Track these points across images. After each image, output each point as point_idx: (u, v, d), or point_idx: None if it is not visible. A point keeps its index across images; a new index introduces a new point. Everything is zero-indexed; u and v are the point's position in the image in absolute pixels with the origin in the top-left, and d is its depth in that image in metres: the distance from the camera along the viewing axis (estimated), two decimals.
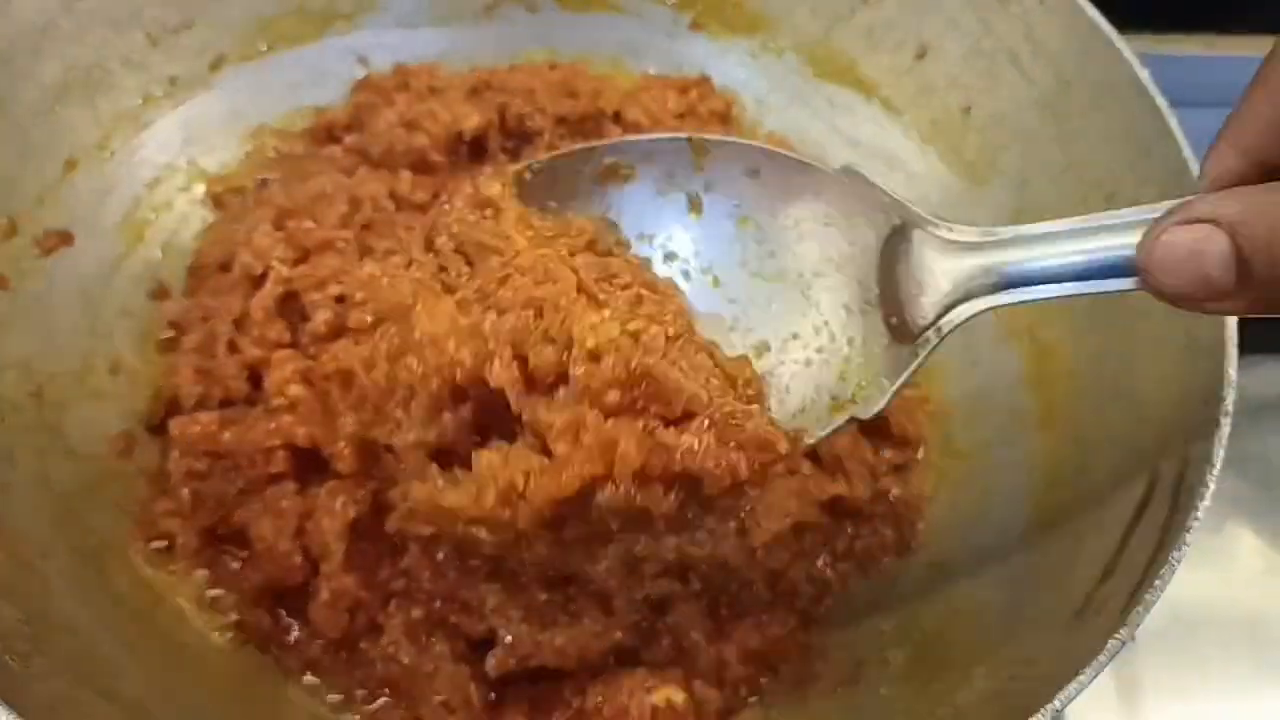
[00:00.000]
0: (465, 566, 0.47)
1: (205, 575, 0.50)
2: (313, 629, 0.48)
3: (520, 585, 0.47)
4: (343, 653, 0.48)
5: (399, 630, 0.46)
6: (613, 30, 0.69)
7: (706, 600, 0.49)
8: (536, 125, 0.62)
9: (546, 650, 0.46)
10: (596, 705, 0.46)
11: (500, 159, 0.62)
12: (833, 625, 0.51)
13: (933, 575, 0.52)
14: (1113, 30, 0.55)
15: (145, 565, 0.50)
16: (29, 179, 0.55)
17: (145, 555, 0.50)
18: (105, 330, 0.55)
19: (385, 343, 0.41)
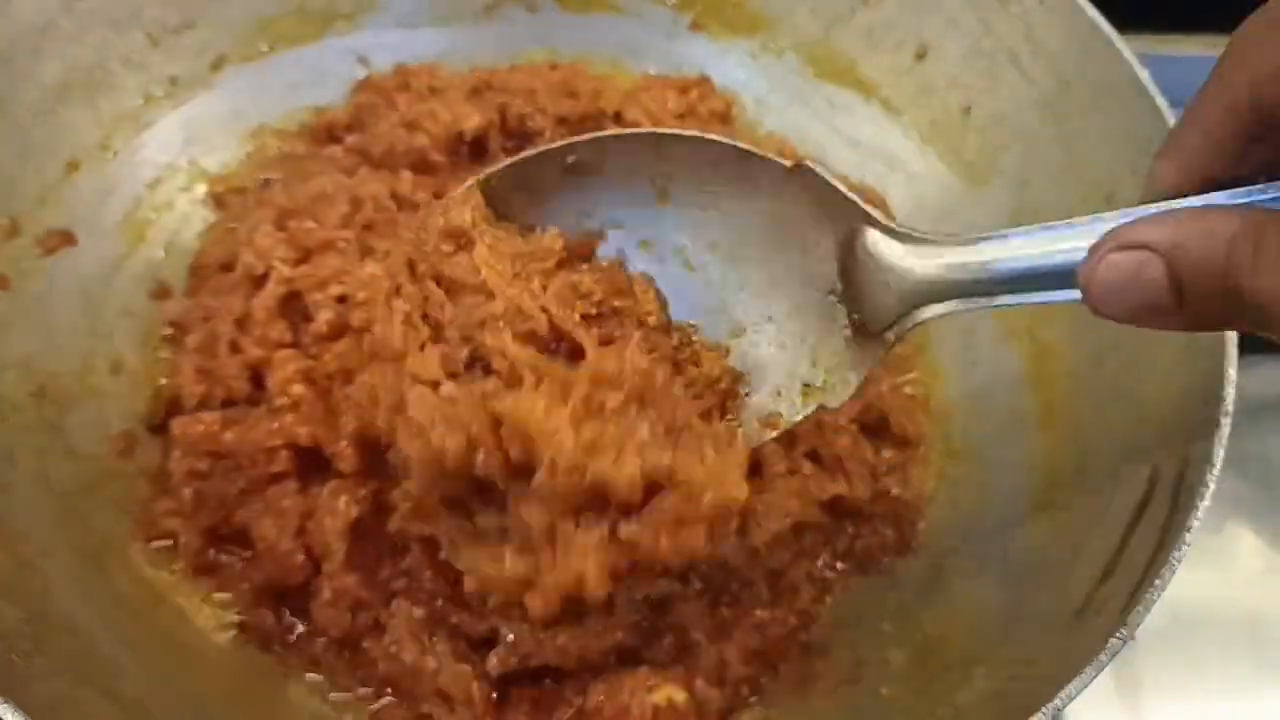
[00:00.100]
0: None
1: (206, 575, 0.50)
2: (315, 628, 0.48)
3: None
4: (345, 652, 0.48)
5: (401, 629, 0.46)
6: (613, 31, 0.70)
7: (707, 600, 0.49)
8: (537, 125, 0.62)
9: (548, 649, 0.46)
10: (598, 704, 0.46)
11: (500, 159, 0.62)
12: (833, 625, 0.51)
13: (933, 575, 0.52)
14: (1113, 30, 0.55)
15: (146, 565, 0.50)
16: (30, 179, 0.55)
17: (146, 555, 0.50)
18: (106, 330, 0.55)
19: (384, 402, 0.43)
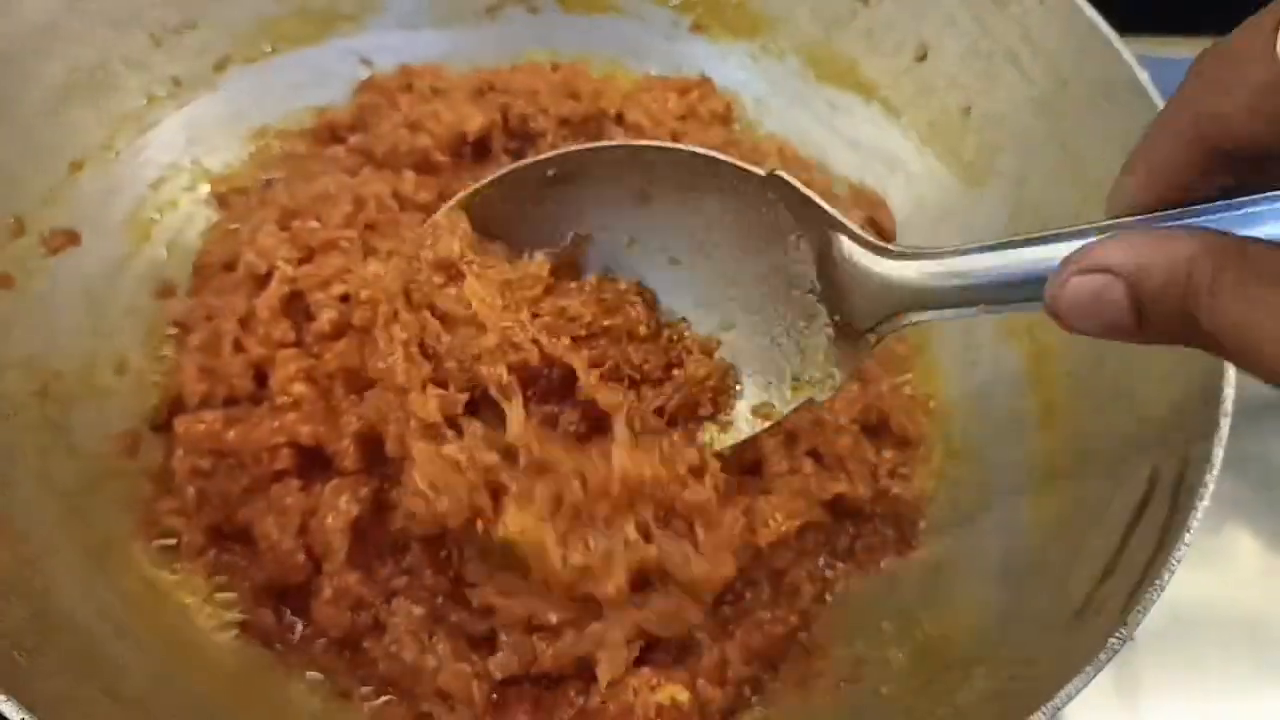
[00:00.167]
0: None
1: (209, 573, 0.50)
2: (316, 627, 0.48)
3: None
4: (345, 651, 0.48)
5: (401, 628, 0.46)
6: (614, 32, 0.70)
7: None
8: (539, 126, 0.62)
9: (550, 655, 0.46)
10: (600, 704, 0.46)
11: (502, 160, 0.62)
12: (834, 625, 0.51)
13: (933, 575, 0.52)
14: (1112, 31, 0.55)
15: (149, 563, 0.50)
16: (35, 179, 0.55)
17: (149, 554, 0.50)
18: (110, 329, 0.56)
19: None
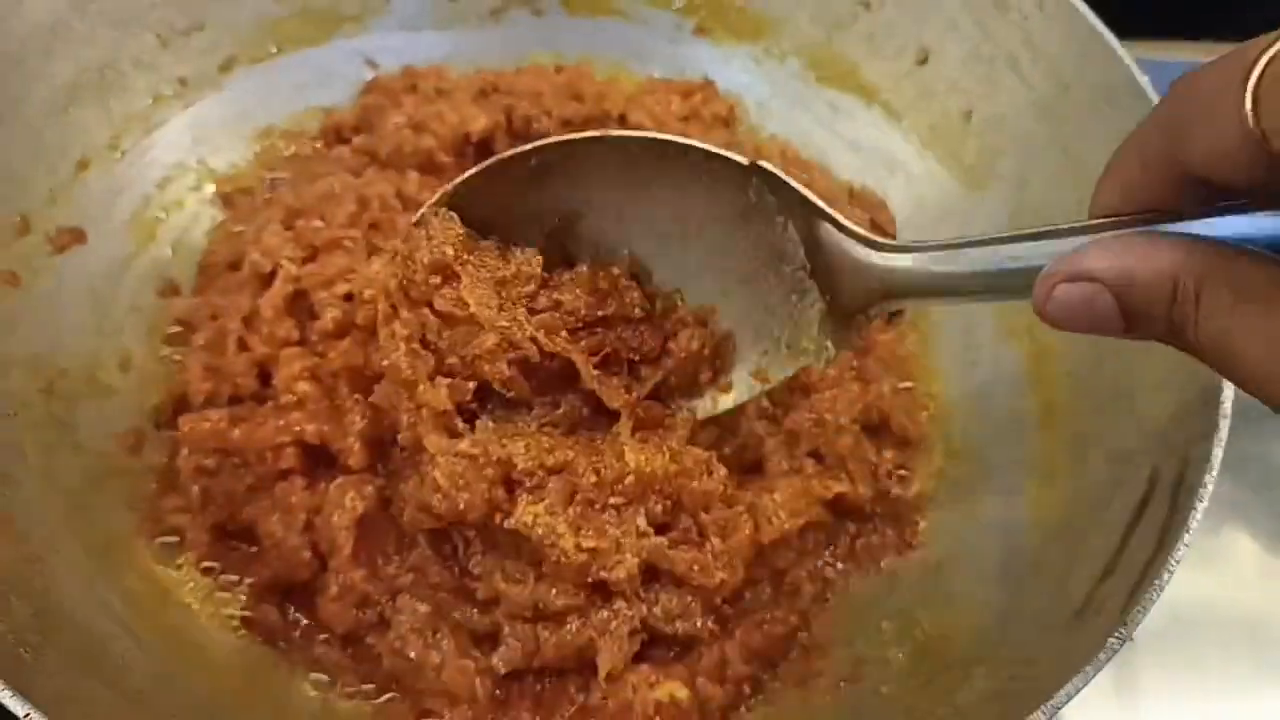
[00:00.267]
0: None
1: (213, 571, 0.50)
2: (320, 624, 0.48)
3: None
4: (350, 647, 0.48)
5: (406, 625, 0.46)
6: (618, 35, 0.70)
7: None
8: (543, 127, 0.62)
9: (552, 648, 0.46)
10: (600, 701, 0.46)
11: None
12: (834, 624, 0.51)
13: (933, 575, 0.52)
14: (1112, 35, 0.55)
15: (153, 561, 0.50)
16: (41, 178, 0.55)
17: (153, 551, 0.50)
18: (115, 328, 0.56)
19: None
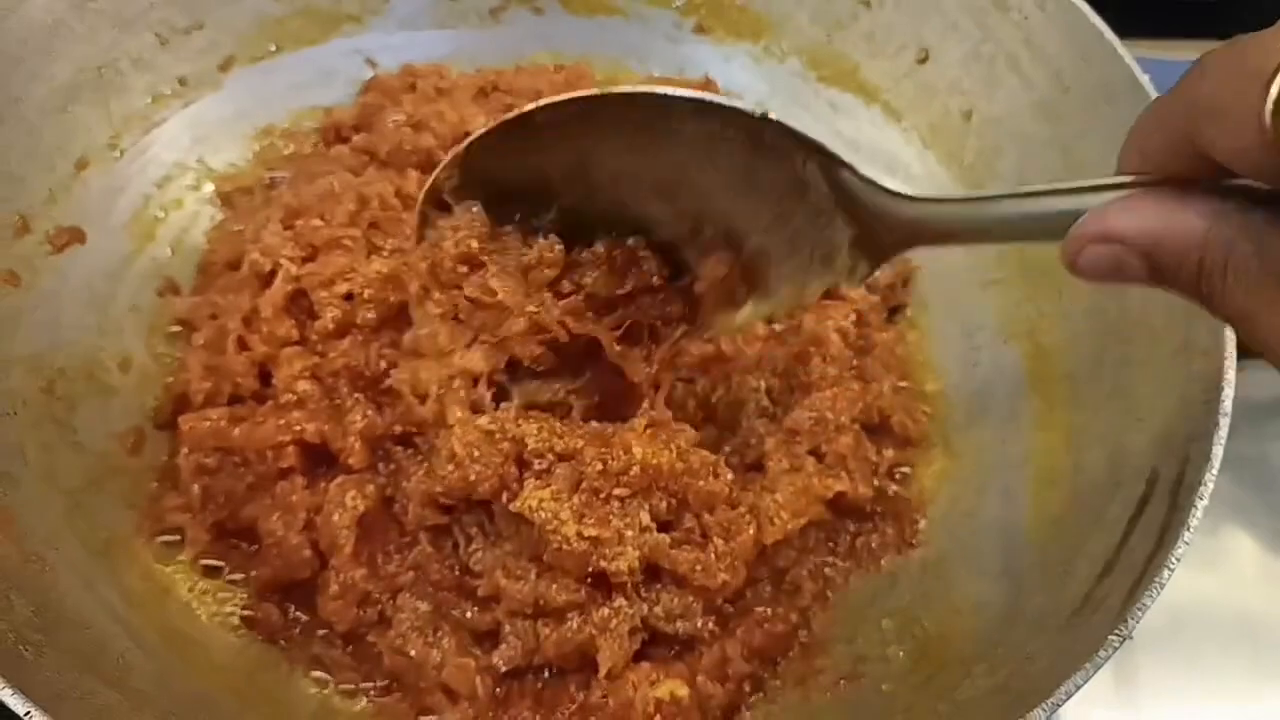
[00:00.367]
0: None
1: (214, 570, 0.50)
2: (321, 622, 0.48)
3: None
4: (350, 646, 0.48)
5: (407, 623, 0.47)
6: (617, 33, 0.70)
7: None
8: None
9: (552, 646, 0.46)
10: (601, 699, 0.46)
11: None
12: (834, 622, 0.51)
13: (933, 573, 0.52)
14: (1112, 35, 0.55)
15: (154, 560, 0.50)
16: (41, 177, 0.55)
17: (154, 550, 0.50)
18: (115, 327, 0.56)
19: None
